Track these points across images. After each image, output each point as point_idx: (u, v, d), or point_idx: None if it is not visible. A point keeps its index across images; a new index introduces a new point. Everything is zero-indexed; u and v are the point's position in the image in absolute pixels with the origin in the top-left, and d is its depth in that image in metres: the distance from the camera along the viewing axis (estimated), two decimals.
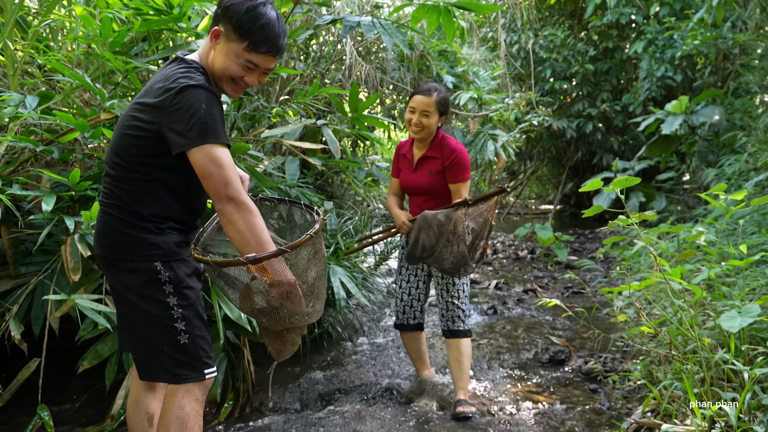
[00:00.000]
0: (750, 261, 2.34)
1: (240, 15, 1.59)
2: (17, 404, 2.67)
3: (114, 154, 1.69)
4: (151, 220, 1.67)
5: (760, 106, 6.33)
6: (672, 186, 7.55)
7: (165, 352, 1.67)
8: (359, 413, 2.74)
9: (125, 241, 1.65)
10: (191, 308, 1.69)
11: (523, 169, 10.77)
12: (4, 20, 2.59)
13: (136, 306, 1.67)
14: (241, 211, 1.58)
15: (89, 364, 2.50)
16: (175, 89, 1.54)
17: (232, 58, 1.64)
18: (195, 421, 1.68)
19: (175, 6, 2.71)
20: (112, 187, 1.68)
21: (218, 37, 1.65)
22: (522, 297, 5.09)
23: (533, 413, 2.76)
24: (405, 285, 2.93)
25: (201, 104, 1.53)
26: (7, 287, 2.46)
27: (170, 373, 1.68)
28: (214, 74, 1.69)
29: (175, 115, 1.54)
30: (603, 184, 2.32)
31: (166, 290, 1.65)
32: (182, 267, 1.70)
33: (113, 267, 1.69)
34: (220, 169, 1.56)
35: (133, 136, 1.63)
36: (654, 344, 2.95)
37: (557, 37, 8.61)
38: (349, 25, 3.01)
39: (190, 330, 1.68)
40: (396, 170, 2.91)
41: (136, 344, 1.74)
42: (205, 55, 1.70)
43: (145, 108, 1.61)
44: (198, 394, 1.70)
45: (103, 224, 1.70)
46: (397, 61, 5.50)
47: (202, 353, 1.71)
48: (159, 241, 1.65)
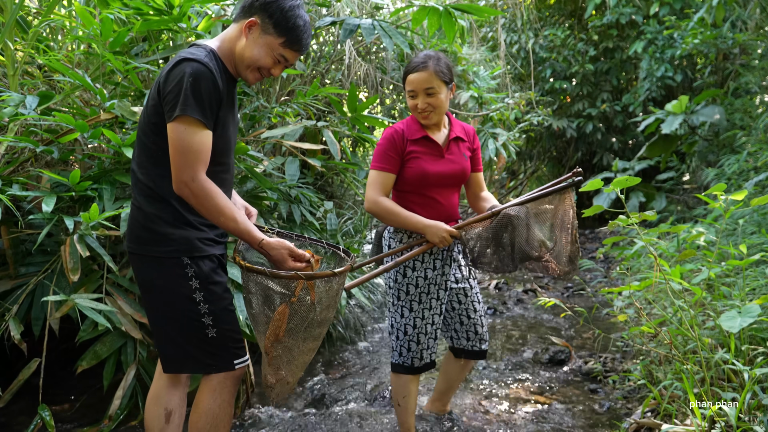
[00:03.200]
0: (750, 261, 2.34)
1: (282, 12, 1.68)
2: (17, 404, 2.67)
3: (138, 141, 1.72)
4: (172, 205, 1.67)
5: (760, 106, 6.32)
6: (672, 186, 7.55)
7: (194, 344, 1.70)
8: (359, 413, 2.74)
9: (149, 236, 1.67)
10: (218, 302, 1.71)
11: (523, 169, 10.76)
12: (4, 20, 2.59)
13: (163, 300, 1.70)
14: (197, 197, 1.60)
15: (88, 365, 2.50)
16: (173, 62, 1.60)
17: (266, 50, 1.71)
18: (225, 412, 1.72)
19: (175, 6, 2.71)
20: (138, 175, 1.70)
21: (252, 28, 1.70)
22: (522, 297, 5.09)
23: (533, 413, 2.76)
24: (428, 314, 2.25)
25: (189, 77, 1.56)
26: (7, 287, 2.46)
27: (200, 363, 1.71)
28: (241, 61, 1.72)
29: (167, 87, 1.59)
30: (603, 184, 2.32)
31: (192, 286, 1.67)
32: (207, 262, 1.71)
33: (140, 261, 1.71)
34: (182, 150, 1.57)
35: (150, 119, 1.66)
36: (654, 344, 2.95)
37: (557, 37, 8.61)
38: (349, 28, 3.01)
39: (217, 324, 1.70)
40: (393, 163, 2.18)
41: (162, 337, 1.75)
42: (230, 41, 1.73)
43: (156, 87, 1.65)
44: (229, 385, 1.74)
45: (131, 218, 1.73)
46: (397, 61, 5.50)
47: (231, 344, 1.73)
48: (182, 236, 1.67)
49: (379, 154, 2.19)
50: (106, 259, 2.42)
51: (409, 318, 2.23)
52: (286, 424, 2.66)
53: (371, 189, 2.17)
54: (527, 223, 2.12)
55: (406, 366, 2.27)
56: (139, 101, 2.91)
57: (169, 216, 1.66)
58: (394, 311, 2.27)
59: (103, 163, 2.65)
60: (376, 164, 2.19)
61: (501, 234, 2.13)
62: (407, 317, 2.23)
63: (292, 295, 1.63)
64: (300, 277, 1.60)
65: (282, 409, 2.84)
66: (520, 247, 2.11)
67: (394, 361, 2.31)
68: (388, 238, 2.30)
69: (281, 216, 3.27)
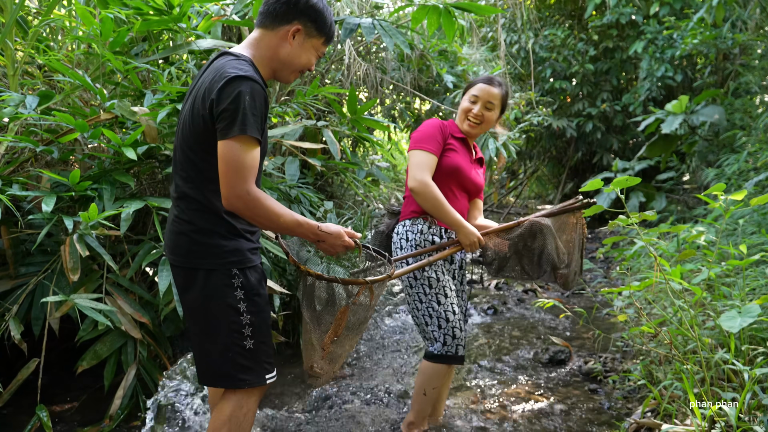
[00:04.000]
0: (750, 261, 2.34)
1: (322, 14, 1.74)
2: (17, 404, 2.67)
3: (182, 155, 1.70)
4: (225, 219, 1.68)
5: (760, 106, 6.32)
6: (672, 186, 7.55)
7: (229, 357, 1.69)
8: (359, 413, 2.74)
9: (201, 250, 1.67)
10: (259, 315, 1.73)
11: (523, 168, 10.77)
12: (4, 20, 2.59)
13: (205, 310, 1.69)
14: (252, 209, 1.60)
15: (88, 365, 2.50)
16: (225, 79, 1.58)
17: (312, 52, 1.77)
18: (248, 422, 1.73)
19: (175, 6, 2.71)
20: (185, 189, 1.69)
21: (297, 35, 1.73)
22: (522, 297, 5.09)
23: (533, 413, 2.76)
24: (450, 294, 2.29)
25: (246, 96, 1.56)
26: (7, 287, 2.46)
27: (233, 378, 1.70)
28: (289, 66, 1.76)
29: (222, 103, 1.57)
30: (603, 184, 2.32)
31: (237, 296, 1.68)
32: (254, 274, 1.72)
33: (189, 273, 1.70)
34: (235, 168, 1.57)
35: (197, 131, 1.65)
36: (654, 344, 2.95)
37: (557, 37, 8.61)
38: (349, 28, 3.01)
39: (256, 336, 1.71)
40: (438, 148, 2.23)
41: (199, 351, 1.75)
42: (270, 48, 1.73)
43: (202, 101, 1.63)
44: (257, 395, 1.75)
45: (176, 232, 1.71)
46: (396, 61, 5.50)
47: (264, 358, 1.74)
48: (234, 247, 1.68)
49: (428, 136, 2.21)
50: (106, 258, 2.42)
51: (446, 304, 2.25)
52: (286, 425, 2.66)
53: (420, 170, 2.15)
54: (554, 234, 2.24)
55: (450, 355, 2.25)
56: (139, 101, 2.91)
57: (222, 229, 1.67)
58: (429, 301, 2.25)
59: (103, 163, 2.65)
60: (425, 145, 2.18)
61: (528, 242, 2.24)
62: (444, 304, 2.24)
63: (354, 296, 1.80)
64: (366, 283, 1.78)
65: (282, 409, 2.84)
66: (549, 256, 2.22)
67: (435, 351, 2.26)
68: (405, 231, 2.31)
69: None
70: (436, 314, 2.25)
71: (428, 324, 2.28)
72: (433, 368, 2.28)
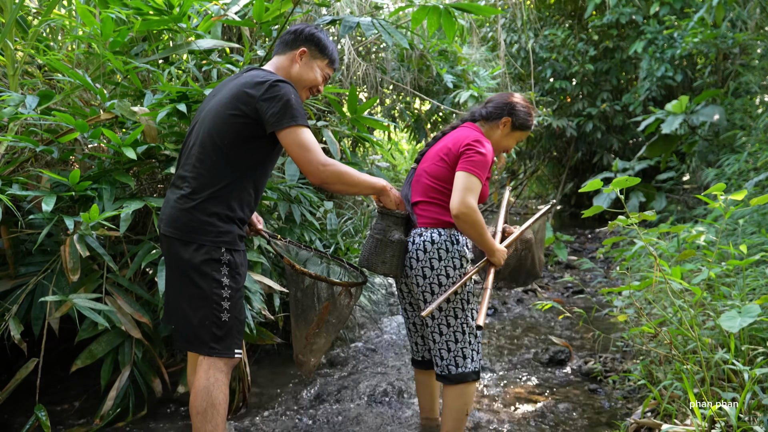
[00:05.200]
0: (750, 261, 2.34)
1: (323, 41, 2.12)
2: (17, 404, 2.67)
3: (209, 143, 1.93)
4: (229, 204, 1.94)
5: (760, 106, 6.32)
6: (672, 186, 7.55)
7: (205, 326, 1.90)
8: (358, 413, 2.74)
9: (199, 227, 1.89)
10: (238, 291, 1.96)
11: (523, 168, 10.76)
12: (4, 20, 2.59)
13: (190, 280, 1.90)
14: (335, 174, 1.95)
15: (83, 364, 2.50)
16: (270, 81, 1.90)
17: (317, 71, 2.13)
18: (219, 390, 1.90)
19: (175, 6, 2.71)
20: (202, 171, 1.92)
21: (303, 56, 2.10)
22: (522, 297, 5.09)
23: (533, 413, 2.76)
24: None
25: (292, 94, 1.91)
26: (7, 287, 2.45)
27: (206, 345, 1.91)
28: (299, 82, 2.09)
29: (272, 101, 1.88)
30: (603, 184, 2.32)
31: (222, 271, 1.91)
32: (238, 256, 1.97)
33: (180, 244, 1.91)
34: (308, 147, 1.90)
35: (232, 124, 1.91)
36: (654, 344, 2.95)
37: (557, 37, 8.61)
38: (348, 25, 3.01)
39: (231, 310, 1.93)
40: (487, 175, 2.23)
41: (178, 314, 1.96)
42: (284, 69, 2.09)
43: (240, 100, 1.91)
44: (223, 366, 1.93)
45: (177, 208, 1.93)
46: (396, 61, 5.50)
47: (236, 334, 1.96)
48: (227, 230, 1.92)
49: (484, 164, 2.15)
50: (106, 258, 2.42)
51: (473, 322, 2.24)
52: (285, 425, 2.66)
53: (471, 195, 2.10)
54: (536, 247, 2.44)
55: (477, 370, 2.25)
56: (139, 101, 2.91)
57: (223, 213, 1.92)
58: (464, 316, 2.21)
59: (103, 163, 2.65)
60: (480, 173, 2.14)
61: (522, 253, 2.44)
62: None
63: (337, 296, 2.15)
64: (347, 284, 2.16)
65: (281, 409, 2.84)
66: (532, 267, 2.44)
67: (466, 369, 2.22)
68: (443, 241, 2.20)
69: (280, 216, 3.27)
70: (469, 330, 2.22)
71: (458, 341, 2.21)
72: (468, 388, 2.24)
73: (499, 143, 2.37)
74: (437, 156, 2.28)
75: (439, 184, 2.23)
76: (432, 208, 2.25)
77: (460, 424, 2.25)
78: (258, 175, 2.02)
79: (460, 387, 2.22)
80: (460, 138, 2.24)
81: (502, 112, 2.33)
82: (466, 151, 2.16)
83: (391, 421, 2.67)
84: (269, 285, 2.84)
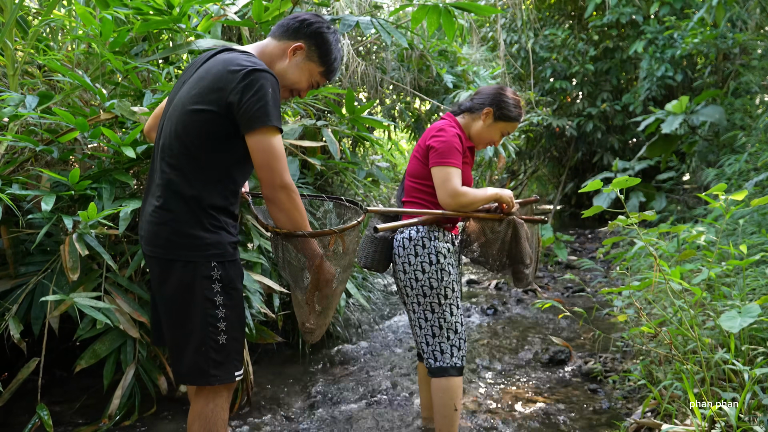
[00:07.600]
0: (750, 261, 2.34)
1: (328, 45, 1.80)
2: (17, 404, 2.67)
3: (176, 143, 1.66)
4: (209, 212, 1.66)
5: (760, 106, 6.32)
6: (672, 186, 7.55)
7: (202, 353, 1.67)
8: (359, 413, 2.74)
9: (182, 241, 1.64)
10: (234, 309, 1.71)
11: (523, 169, 10.76)
12: (4, 20, 2.59)
13: (182, 302, 1.66)
14: (291, 199, 1.64)
15: (86, 364, 2.50)
16: (243, 70, 1.58)
17: (307, 75, 1.82)
18: (218, 416, 1.72)
19: (175, 6, 2.71)
20: (172, 177, 1.65)
21: (297, 52, 1.78)
22: (522, 297, 5.09)
23: (533, 413, 2.76)
24: (460, 306, 2.32)
25: (268, 88, 1.59)
26: (7, 287, 2.46)
27: (205, 374, 1.68)
28: (280, 79, 1.77)
29: (244, 95, 1.57)
30: (603, 184, 2.32)
31: (215, 289, 1.66)
32: (232, 268, 1.71)
33: (164, 264, 1.67)
34: (276, 156, 1.60)
35: (199, 121, 1.62)
36: (654, 344, 2.95)
37: (557, 37, 8.61)
38: (347, 23, 3.01)
39: (229, 331, 1.69)
40: (460, 161, 2.22)
41: (175, 346, 1.73)
42: (271, 57, 1.79)
43: (208, 92, 1.61)
44: (224, 392, 1.74)
45: (157, 224, 1.66)
46: (396, 61, 5.50)
47: (235, 355, 1.73)
48: (215, 240, 1.66)
49: (452, 150, 2.17)
50: (106, 258, 2.42)
51: (457, 316, 2.25)
52: (285, 424, 2.66)
53: (451, 184, 2.13)
54: (527, 236, 2.36)
55: (458, 366, 2.24)
56: (139, 101, 2.91)
57: (206, 221, 1.65)
58: (441, 311, 2.22)
59: (103, 163, 2.65)
60: (452, 161, 2.15)
61: (505, 236, 2.33)
62: (456, 315, 2.24)
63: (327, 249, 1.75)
64: (333, 232, 1.73)
65: (282, 408, 2.84)
66: (517, 253, 2.33)
67: (444, 364, 2.22)
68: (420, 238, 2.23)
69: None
70: (447, 324, 2.22)
71: (435, 336, 2.22)
72: (450, 382, 2.23)
73: (480, 134, 2.32)
74: (413, 155, 2.34)
75: (417, 182, 2.29)
76: (414, 207, 2.30)
77: (449, 420, 2.24)
78: (241, 172, 1.75)
79: (443, 381, 2.23)
80: (426, 134, 2.30)
81: (484, 102, 2.31)
82: (430, 146, 2.21)
83: (392, 421, 2.67)
84: (269, 285, 2.84)
